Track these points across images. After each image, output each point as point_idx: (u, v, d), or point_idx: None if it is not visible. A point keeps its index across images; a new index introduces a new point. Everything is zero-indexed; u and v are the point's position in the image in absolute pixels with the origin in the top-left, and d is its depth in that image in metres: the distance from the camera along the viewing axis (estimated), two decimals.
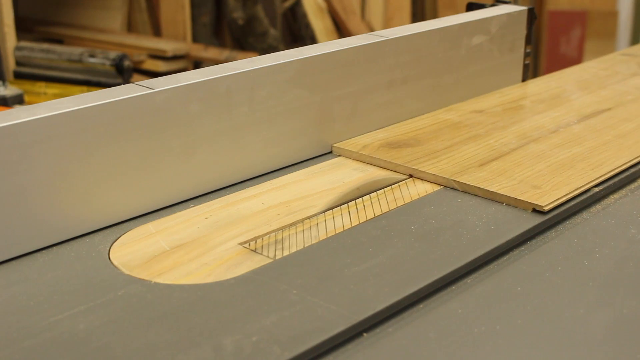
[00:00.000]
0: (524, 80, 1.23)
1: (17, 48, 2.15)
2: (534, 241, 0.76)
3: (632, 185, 0.88)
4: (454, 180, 0.86)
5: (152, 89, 0.77)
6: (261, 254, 0.72)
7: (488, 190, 0.83)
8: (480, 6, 1.19)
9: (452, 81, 1.10)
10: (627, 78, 1.26)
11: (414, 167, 0.89)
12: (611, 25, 3.62)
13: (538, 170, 0.88)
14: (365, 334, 0.61)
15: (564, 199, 0.81)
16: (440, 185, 0.87)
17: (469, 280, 0.69)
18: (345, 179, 0.89)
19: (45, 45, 2.20)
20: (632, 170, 0.89)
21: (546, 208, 0.79)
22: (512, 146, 0.95)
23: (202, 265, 0.70)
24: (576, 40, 3.61)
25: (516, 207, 0.80)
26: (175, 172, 0.81)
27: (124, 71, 2.08)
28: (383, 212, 0.80)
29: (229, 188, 0.86)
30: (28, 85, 2.07)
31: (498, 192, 0.82)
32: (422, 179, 0.88)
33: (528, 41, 1.21)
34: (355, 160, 0.94)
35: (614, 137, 0.98)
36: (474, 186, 0.84)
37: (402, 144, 0.96)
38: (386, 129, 1.01)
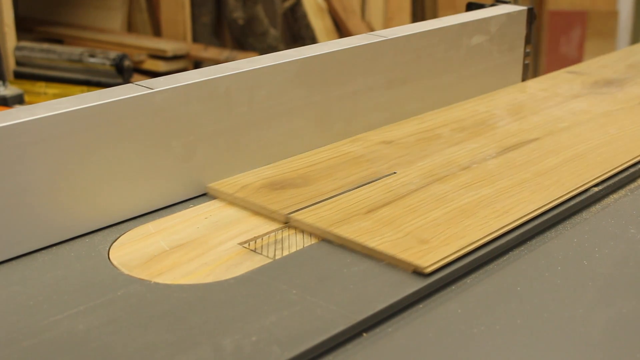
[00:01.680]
0: (523, 80, 1.23)
1: (17, 48, 2.15)
2: (533, 241, 0.76)
3: (632, 185, 0.88)
4: (330, 233, 0.73)
5: (152, 89, 0.77)
6: (261, 254, 0.72)
7: (365, 245, 0.71)
8: (480, 6, 1.19)
9: (452, 81, 1.10)
10: (566, 100, 1.13)
11: (289, 215, 0.77)
12: (611, 25, 3.62)
13: (433, 218, 0.76)
14: (365, 334, 0.61)
15: (452, 257, 0.69)
16: (317, 237, 0.75)
17: (468, 280, 0.69)
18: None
19: (45, 45, 2.19)
20: (632, 170, 0.89)
21: (427, 270, 0.67)
22: (412, 187, 0.83)
23: (201, 265, 0.70)
24: (576, 40, 3.61)
25: (396, 267, 0.68)
26: (175, 172, 0.81)
27: (124, 71, 2.07)
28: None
29: None
30: (28, 85, 2.07)
31: (376, 248, 0.70)
32: (298, 229, 0.76)
33: (528, 41, 1.21)
34: (231, 204, 0.82)
35: (532, 175, 0.86)
36: (351, 240, 0.72)
37: (288, 183, 0.84)
38: (276, 165, 0.89)
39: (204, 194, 0.84)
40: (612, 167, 0.87)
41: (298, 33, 2.99)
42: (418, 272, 0.67)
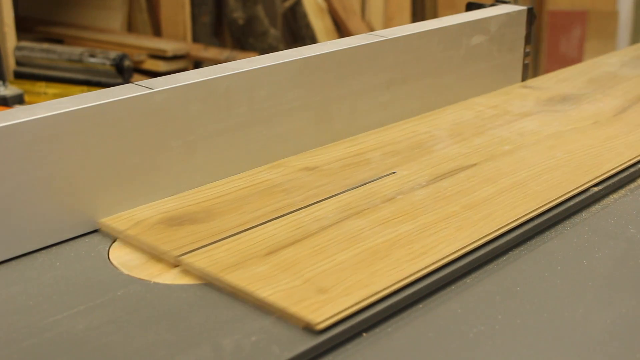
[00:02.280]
0: (523, 80, 1.23)
1: (17, 48, 2.15)
2: (533, 241, 0.76)
3: (632, 185, 0.88)
4: (220, 280, 0.65)
5: (152, 88, 0.77)
6: None
7: (255, 296, 0.63)
8: (480, 6, 1.19)
9: (452, 81, 1.10)
10: (515, 120, 1.03)
11: (180, 257, 0.69)
12: (611, 25, 3.61)
13: (340, 261, 0.67)
14: (364, 334, 0.61)
15: (351, 310, 0.60)
16: (208, 283, 0.67)
17: (468, 280, 0.69)
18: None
19: (45, 45, 2.19)
20: (632, 170, 0.89)
21: (319, 327, 0.59)
22: (324, 222, 0.75)
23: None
24: (576, 40, 3.61)
25: (287, 322, 0.60)
26: (175, 172, 0.81)
27: (124, 71, 2.07)
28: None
29: None
30: (28, 85, 2.07)
31: (266, 299, 0.62)
32: (189, 273, 0.68)
33: (528, 41, 1.21)
34: (123, 241, 0.74)
35: (462, 208, 0.77)
36: (240, 289, 0.64)
37: (188, 218, 0.76)
38: (180, 196, 0.81)
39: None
40: (550, 199, 0.79)
41: (298, 33, 2.99)
42: (309, 329, 0.59)
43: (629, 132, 0.98)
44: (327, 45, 0.94)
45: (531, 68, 1.27)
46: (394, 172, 0.87)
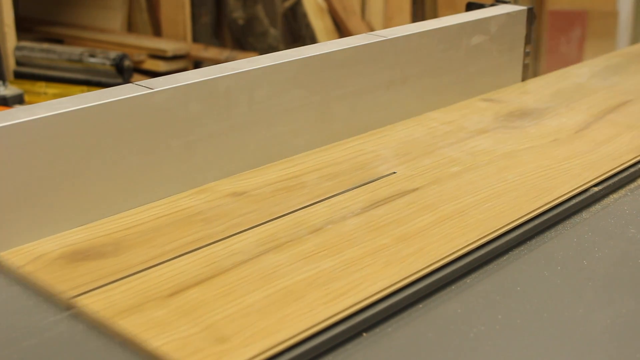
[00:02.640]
0: (523, 80, 1.23)
1: (17, 48, 2.16)
2: (533, 241, 0.76)
3: (632, 185, 0.88)
4: (110, 325, 0.59)
5: (152, 88, 0.77)
6: None
7: (145, 346, 0.56)
8: (480, 6, 1.19)
9: (452, 81, 1.10)
10: (469, 137, 0.96)
11: (73, 298, 0.62)
12: (611, 25, 3.62)
13: (248, 304, 0.61)
14: (365, 334, 0.61)
15: None
16: (100, 328, 0.60)
17: (468, 280, 0.69)
18: None
19: (45, 45, 2.20)
20: (632, 170, 0.89)
21: None
22: (240, 257, 0.68)
23: None
24: (576, 40, 3.61)
25: None
26: (175, 172, 0.81)
27: (124, 71, 2.08)
28: None
29: None
30: (28, 85, 2.07)
31: (157, 350, 0.56)
32: (84, 316, 0.61)
33: (528, 41, 1.21)
34: (18, 278, 0.67)
35: (394, 241, 0.71)
36: (130, 337, 0.57)
37: (93, 252, 0.69)
38: (89, 226, 0.74)
39: None
40: (490, 230, 0.73)
41: (298, 33, 2.99)
42: None
43: (588, 152, 0.91)
44: (327, 45, 0.94)
45: (531, 68, 1.26)
46: (332, 197, 0.80)
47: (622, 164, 0.88)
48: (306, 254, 0.69)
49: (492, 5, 1.20)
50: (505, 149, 0.93)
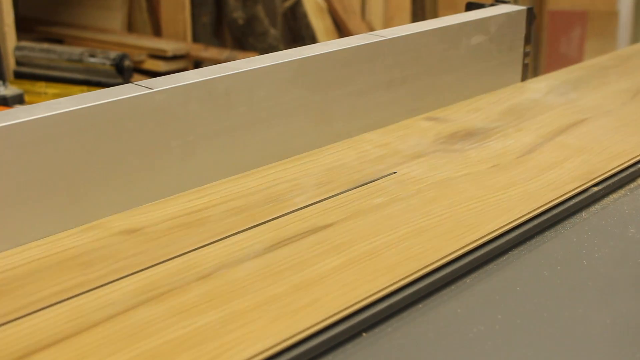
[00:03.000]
0: (523, 80, 1.23)
1: (17, 48, 2.15)
2: (533, 241, 0.76)
3: (631, 185, 0.88)
4: None
5: (152, 88, 0.77)
6: None
7: None
8: (480, 6, 1.19)
9: (452, 81, 1.10)
10: (402, 162, 0.88)
11: None
12: (611, 25, 3.62)
13: None
14: (364, 334, 0.61)
15: None
16: None
17: (468, 280, 0.69)
18: None
19: (45, 45, 2.20)
20: (632, 169, 0.89)
21: None
22: (111, 310, 0.59)
23: None
24: (576, 40, 3.61)
25: None
26: (175, 172, 0.81)
27: (124, 71, 2.07)
28: None
29: None
30: (28, 85, 2.07)
31: None
32: None
33: (527, 41, 1.21)
34: None
35: (289, 289, 0.62)
36: None
37: None
38: None
39: None
40: (400, 277, 0.65)
41: (298, 33, 2.99)
42: None
43: (529, 180, 0.84)
44: (327, 45, 0.94)
45: (531, 68, 1.26)
46: (234, 235, 0.72)
47: (562, 195, 0.80)
48: (187, 307, 0.60)
49: (491, 5, 1.20)
50: (439, 176, 0.84)
